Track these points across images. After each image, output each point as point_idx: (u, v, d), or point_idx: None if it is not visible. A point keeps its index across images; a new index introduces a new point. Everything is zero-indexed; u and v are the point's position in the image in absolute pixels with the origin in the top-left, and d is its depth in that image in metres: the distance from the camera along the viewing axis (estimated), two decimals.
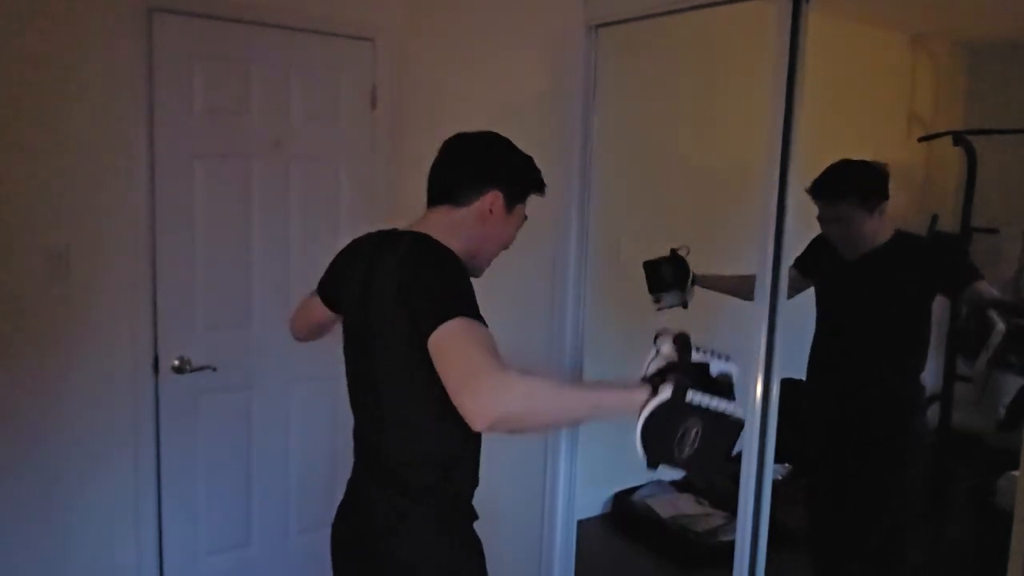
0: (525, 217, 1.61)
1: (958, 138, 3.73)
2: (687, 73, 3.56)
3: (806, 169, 2.02)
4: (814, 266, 2.40)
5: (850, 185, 2.15)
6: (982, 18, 3.80)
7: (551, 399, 1.23)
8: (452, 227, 1.50)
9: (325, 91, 2.67)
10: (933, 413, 2.39)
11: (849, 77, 3.62)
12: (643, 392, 1.22)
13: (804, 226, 2.15)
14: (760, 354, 2.02)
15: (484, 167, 1.54)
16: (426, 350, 1.27)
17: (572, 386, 1.47)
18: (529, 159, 1.59)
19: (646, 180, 3.52)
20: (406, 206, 2.67)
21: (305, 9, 2.57)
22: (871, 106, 3.93)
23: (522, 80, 2.70)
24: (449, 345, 1.24)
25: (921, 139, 3.96)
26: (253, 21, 2.50)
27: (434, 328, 1.25)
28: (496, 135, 1.59)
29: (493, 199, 1.52)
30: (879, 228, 2.18)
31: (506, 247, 1.60)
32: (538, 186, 1.60)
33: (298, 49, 2.60)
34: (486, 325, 1.29)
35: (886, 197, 2.18)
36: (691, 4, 2.18)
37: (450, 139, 1.58)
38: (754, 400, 2.03)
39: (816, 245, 2.44)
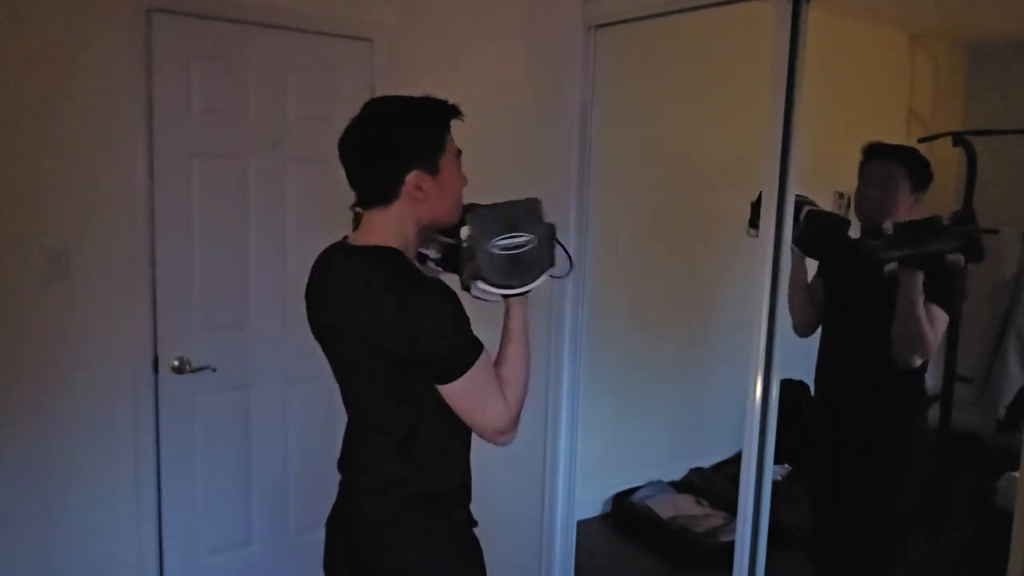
0: (459, 151, 1.46)
1: (958, 138, 3.73)
2: (687, 73, 3.56)
3: (806, 169, 2.02)
4: (819, 247, 2.36)
5: (907, 152, 2.25)
6: (982, 18, 3.80)
7: (524, 375, 1.47)
8: (398, 224, 1.42)
9: (323, 91, 2.67)
10: (933, 413, 2.39)
11: (849, 77, 3.63)
12: (515, 307, 1.50)
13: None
14: (760, 354, 2.02)
15: (382, 161, 1.40)
16: (412, 372, 1.36)
17: (515, 348, 1.49)
18: (414, 104, 1.42)
19: (646, 179, 3.52)
20: None
21: (303, 10, 2.57)
22: (871, 106, 3.93)
23: (521, 80, 2.69)
24: (466, 395, 1.37)
25: (921, 140, 3.95)
26: (251, 21, 2.50)
27: (448, 381, 1.36)
28: (375, 108, 1.43)
29: (414, 181, 1.39)
30: (906, 216, 2.19)
31: (460, 193, 1.48)
32: (445, 122, 1.42)
33: (296, 49, 2.60)
34: (481, 345, 1.39)
35: (925, 188, 2.22)
36: (691, 4, 2.18)
37: (341, 140, 1.44)
38: (754, 400, 2.03)
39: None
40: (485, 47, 2.71)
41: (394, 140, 1.40)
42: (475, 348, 1.38)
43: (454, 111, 1.44)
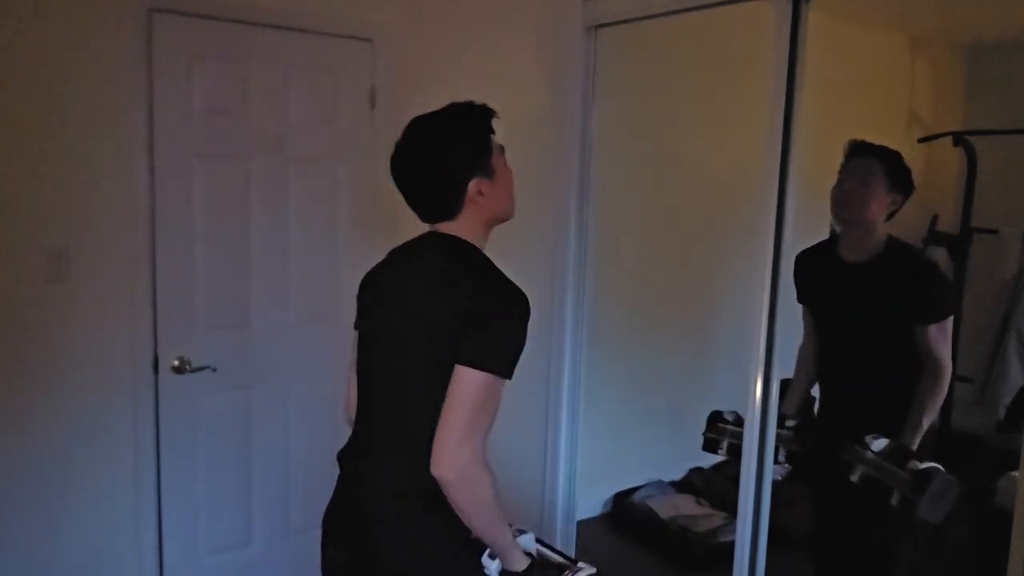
0: (502, 148, 1.53)
1: (958, 138, 3.73)
2: (687, 73, 3.55)
3: (806, 169, 2.02)
4: (805, 284, 2.39)
5: (887, 151, 2.25)
6: (982, 19, 3.80)
7: (491, 499, 1.40)
8: (467, 229, 1.49)
9: (324, 91, 2.67)
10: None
11: (849, 77, 3.62)
12: (525, 560, 1.50)
13: (804, 226, 2.15)
14: (760, 354, 2.02)
15: (442, 182, 1.46)
16: (450, 363, 1.35)
17: (500, 516, 1.47)
18: (457, 115, 1.47)
19: (646, 180, 3.52)
20: (404, 207, 2.66)
21: (304, 10, 2.57)
22: (871, 106, 3.93)
23: (522, 80, 2.70)
24: (471, 391, 1.34)
25: (921, 140, 3.96)
26: (252, 22, 2.50)
27: (470, 364, 1.34)
28: (420, 130, 1.48)
29: (475, 187, 1.46)
30: (881, 216, 2.20)
31: (512, 186, 1.55)
32: (488, 127, 1.48)
33: (297, 49, 2.60)
34: (510, 376, 1.39)
35: (903, 192, 2.22)
36: (691, 4, 2.18)
37: (393, 166, 1.50)
38: (754, 400, 2.03)
39: (802, 265, 2.36)
40: (485, 47, 2.71)
41: (452, 156, 1.45)
42: (510, 366, 1.38)
43: (491, 111, 1.50)
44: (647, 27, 2.42)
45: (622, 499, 3.62)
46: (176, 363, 2.47)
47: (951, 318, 2.19)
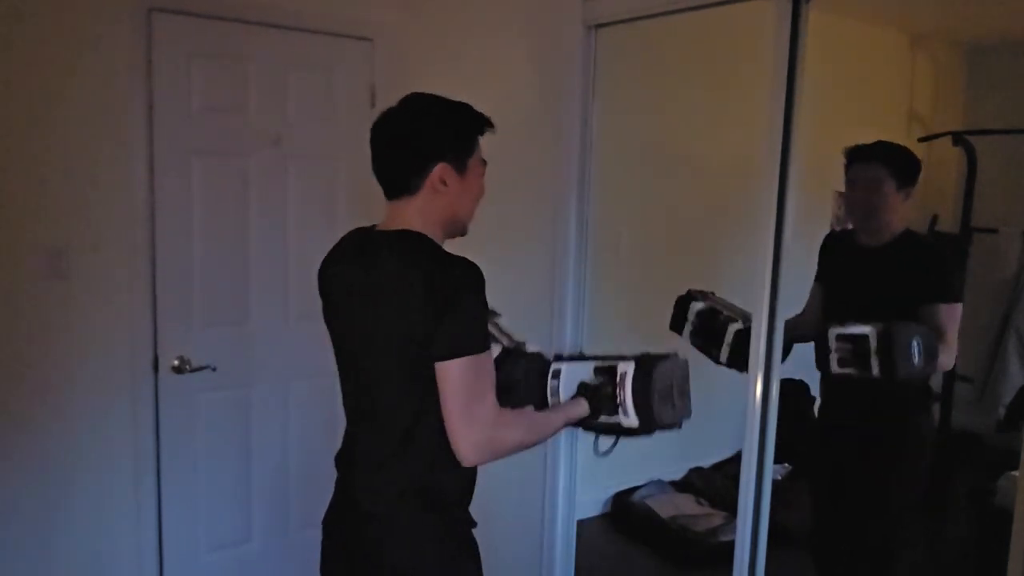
0: (484, 161, 1.52)
1: (958, 138, 3.73)
2: (687, 72, 3.56)
3: (806, 168, 2.02)
4: (825, 265, 2.45)
5: (888, 150, 2.25)
6: (982, 18, 3.81)
7: (524, 433, 1.48)
8: (421, 214, 1.46)
9: (323, 90, 2.67)
10: (933, 413, 2.40)
11: (849, 77, 3.63)
12: (582, 404, 1.62)
13: (804, 224, 2.15)
14: (760, 354, 2.02)
15: (413, 149, 1.45)
16: (429, 358, 1.35)
17: (540, 429, 1.55)
18: (455, 107, 1.47)
19: (646, 178, 3.52)
20: None
21: (304, 9, 2.57)
22: (871, 105, 3.93)
23: (522, 79, 2.70)
24: (458, 380, 1.35)
25: (921, 139, 3.96)
26: (252, 21, 2.50)
27: (449, 356, 1.34)
28: (414, 101, 1.48)
29: (440, 173, 1.44)
30: (898, 213, 2.23)
31: (480, 198, 1.53)
32: (478, 128, 1.48)
33: (297, 48, 2.60)
34: (490, 346, 1.40)
35: (914, 183, 2.23)
36: (691, 4, 2.19)
37: (373, 127, 1.50)
38: (754, 400, 2.03)
39: (826, 247, 2.47)
40: (485, 47, 2.71)
41: (428, 129, 1.45)
42: (485, 340, 1.39)
43: (489, 122, 1.49)
44: (647, 26, 2.42)
45: (622, 499, 3.63)
46: (176, 363, 2.47)
47: (960, 304, 2.19)
